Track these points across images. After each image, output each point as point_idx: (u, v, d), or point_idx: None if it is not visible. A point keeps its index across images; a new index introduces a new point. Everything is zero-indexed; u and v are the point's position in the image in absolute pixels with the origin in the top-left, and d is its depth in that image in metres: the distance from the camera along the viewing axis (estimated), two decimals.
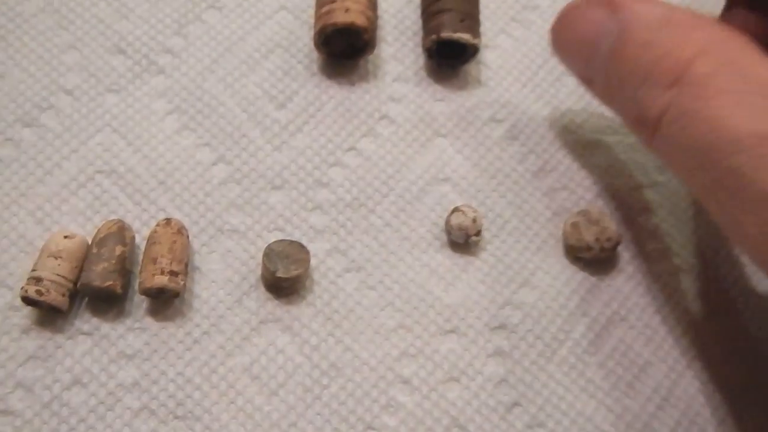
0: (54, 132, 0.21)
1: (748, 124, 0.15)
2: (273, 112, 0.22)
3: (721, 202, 0.16)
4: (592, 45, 0.18)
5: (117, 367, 0.18)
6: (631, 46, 0.17)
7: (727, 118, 0.15)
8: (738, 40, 0.17)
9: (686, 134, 0.16)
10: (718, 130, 0.15)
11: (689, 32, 0.17)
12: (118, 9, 0.23)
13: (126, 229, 0.19)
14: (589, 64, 0.19)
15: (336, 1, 0.21)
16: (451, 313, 0.20)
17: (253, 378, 0.19)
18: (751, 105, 0.15)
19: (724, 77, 0.16)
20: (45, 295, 0.18)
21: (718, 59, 0.16)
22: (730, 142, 0.15)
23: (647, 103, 0.17)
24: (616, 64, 0.18)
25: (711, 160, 0.15)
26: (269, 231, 0.20)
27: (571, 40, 0.19)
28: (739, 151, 0.15)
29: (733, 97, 0.15)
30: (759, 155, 0.15)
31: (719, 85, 0.16)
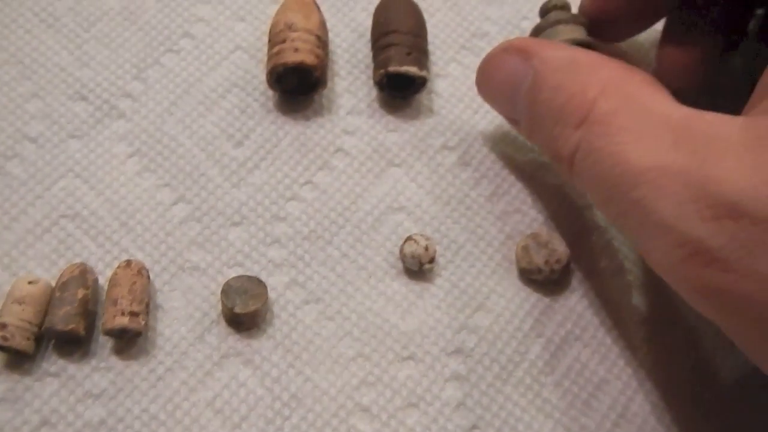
0: (19, 179, 0.22)
1: (647, 157, 0.16)
2: (231, 150, 0.23)
3: (630, 230, 0.17)
4: (512, 91, 0.20)
5: (84, 407, 0.19)
6: (544, 89, 0.19)
7: (628, 152, 0.16)
8: (636, 78, 0.18)
9: (595, 170, 0.17)
10: (621, 164, 0.16)
11: (592, 73, 0.18)
12: (78, 57, 0.24)
13: (88, 272, 0.20)
14: (512, 108, 0.21)
15: (286, 41, 0.23)
16: (408, 340, 0.21)
17: (216, 412, 0.20)
18: (649, 139, 0.16)
19: (624, 114, 0.17)
20: (10, 340, 0.19)
21: (618, 97, 0.17)
22: (632, 176, 0.16)
23: (560, 142, 0.18)
24: (533, 107, 0.19)
25: (617, 193, 0.17)
26: (229, 267, 0.22)
27: (493, 87, 0.21)
28: (640, 183, 0.16)
29: (632, 132, 0.17)
30: (657, 186, 0.16)
31: (620, 123, 0.17)
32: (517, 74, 0.20)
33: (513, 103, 0.20)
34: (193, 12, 0.25)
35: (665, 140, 0.16)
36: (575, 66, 0.18)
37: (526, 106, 0.20)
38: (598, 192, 0.18)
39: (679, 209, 0.15)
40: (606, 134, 0.17)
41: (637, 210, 0.16)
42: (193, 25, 0.25)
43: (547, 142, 0.19)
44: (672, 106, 0.17)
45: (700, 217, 0.15)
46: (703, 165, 0.15)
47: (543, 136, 0.19)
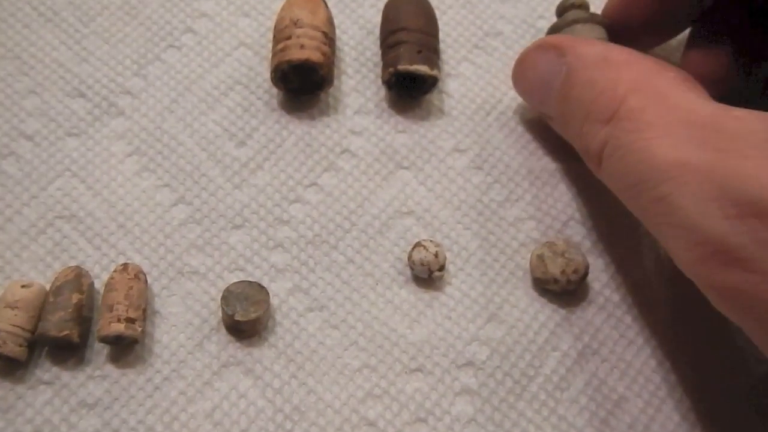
0: (14, 178, 0.22)
1: (672, 153, 0.16)
2: (233, 150, 0.23)
3: (655, 226, 0.17)
4: (546, 86, 0.21)
5: (78, 417, 0.19)
6: (575, 85, 0.19)
7: (654, 148, 0.17)
8: (668, 74, 0.18)
9: (622, 165, 0.18)
10: (647, 160, 0.17)
11: (623, 69, 0.19)
12: (77, 52, 0.24)
13: (83, 276, 0.20)
14: (546, 104, 0.21)
15: (291, 37, 0.22)
16: (417, 351, 0.21)
17: (215, 424, 0.19)
18: (675, 135, 0.17)
19: (653, 111, 0.17)
20: (2, 346, 0.19)
21: (647, 94, 0.18)
22: (658, 172, 0.16)
23: (590, 137, 0.19)
24: (565, 103, 0.20)
25: (643, 189, 0.17)
26: (230, 271, 0.21)
27: (528, 82, 0.22)
28: (665, 179, 0.16)
29: (659, 128, 0.17)
30: (682, 183, 0.16)
31: (648, 119, 0.17)
32: (551, 70, 0.20)
33: (547, 98, 0.21)
34: (196, 7, 0.25)
35: (691, 137, 0.16)
36: (607, 62, 0.19)
37: (559, 101, 0.20)
38: (624, 188, 0.18)
39: (703, 206, 0.16)
40: (634, 130, 0.17)
41: (661, 206, 0.16)
42: (195, 20, 0.25)
43: (578, 137, 0.20)
44: (702, 102, 0.17)
45: (724, 215, 0.15)
46: (727, 162, 0.16)
47: (574, 131, 0.20)
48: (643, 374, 0.21)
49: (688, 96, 0.17)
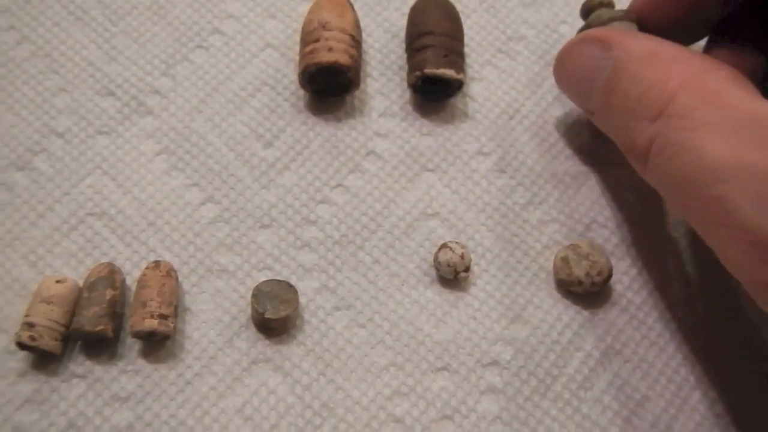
0: (46, 175, 0.23)
1: (728, 153, 0.16)
2: (260, 151, 0.24)
3: (707, 228, 0.18)
4: (589, 80, 0.21)
5: (111, 410, 0.20)
6: (622, 80, 0.19)
7: (707, 148, 0.17)
8: (718, 73, 0.18)
9: (672, 165, 0.18)
10: (700, 160, 0.17)
11: (672, 66, 0.18)
12: (107, 51, 0.25)
13: (116, 272, 0.21)
14: (588, 98, 0.21)
15: (319, 40, 0.23)
16: (443, 350, 0.21)
17: (245, 419, 0.20)
18: (731, 135, 0.17)
19: (705, 109, 0.17)
20: (38, 340, 0.19)
21: (699, 92, 0.18)
22: (712, 172, 0.16)
23: (636, 134, 0.19)
24: (610, 98, 0.20)
25: (694, 190, 0.17)
26: (258, 270, 0.22)
27: (571, 76, 0.22)
28: (721, 180, 0.16)
29: (713, 127, 0.17)
30: (739, 185, 0.16)
31: (700, 117, 0.17)
32: (596, 64, 0.20)
33: (589, 93, 0.21)
34: (223, 8, 0.26)
35: (749, 137, 0.16)
36: (656, 57, 0.19)
37: (603, 95, 0.20)
38: (672, 187, 0.18)
39: (762, 209, 0.16)
40: (685, 128, 0.17)
41: (715, 208, 0.16)
42: (223, 21, 0.26)
43: (622, 133, 0.20)
44: (757, 102, 0.17)
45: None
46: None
47: (618, 127, 0.20)
48: (665, 374, 0.21)
49: (741, 94, 0.17)
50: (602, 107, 0.21)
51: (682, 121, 0.17)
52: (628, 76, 0.19)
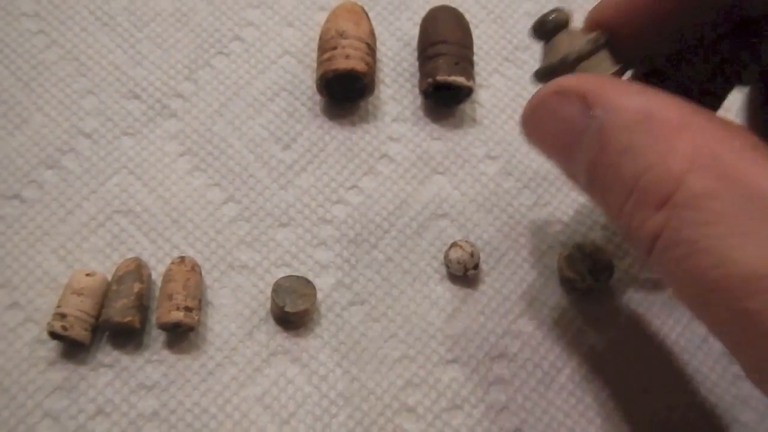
0: (75, 174, 0.24)
1: (761, 260, 0.13)
2: (279, 153, 0.25)
3: (732, 337, 0.14)
4: (569, 144, 0.17)
5: (137, 398, 0.21)
6: (611, 152, 0.16)
7: (734, 251, 0.13)
8: (735, 143, 0.14)
9: (686, 266, 0.14)
10: (725, 265, 0.14)
11: (675, 136, 0.15)
12: (132, 56, 0.26)
13: (143, 267, 0.22)
14: (569, 164, 0.17)
15: (337, 47, 0.24)
16: (453, 343, 0.23)
17: (265, 408, 0.21)
18: (761, 234, 0.13)
19: (725, 197, 0.14)
20: (69, 330, 0.21)
21: (714, 173, 0.14)
22: (741, 281, 0.13)
23: (636, 222, 0.15)
24: (597, 170, 0.16)
25: (718, 298, 0.14)
26: (277, 266, 0.23)
27: (545, 135, 0.18)
28: (754, 293, 0.13)
29: (738, 223, 0.14)
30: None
31: (719, 209, 0.14)
32: (576, 125, 0.16)
33: (570, 157, 0.17)
34: (243, 16, 0.27)
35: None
36: (651, 124, 0.15)
37: (588, 166, 0.16)
38: (687, 290, 0.15)
39: None
40: (701, 223, 0.14)
41: (747, 324, 0.13)
42: (243, 28, 0.27)
43: (617, 215, 0.16)
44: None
45: None
46: None
47: (611, 207, 0.16)
48: (663, 366, 0.23)
49: (766, 174, 0.14)
50: (587, 178, 0.17)
51: (696, 214, 0.14)
52: (619, 147, 0.15)
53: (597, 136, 0.16)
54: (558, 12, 0.18)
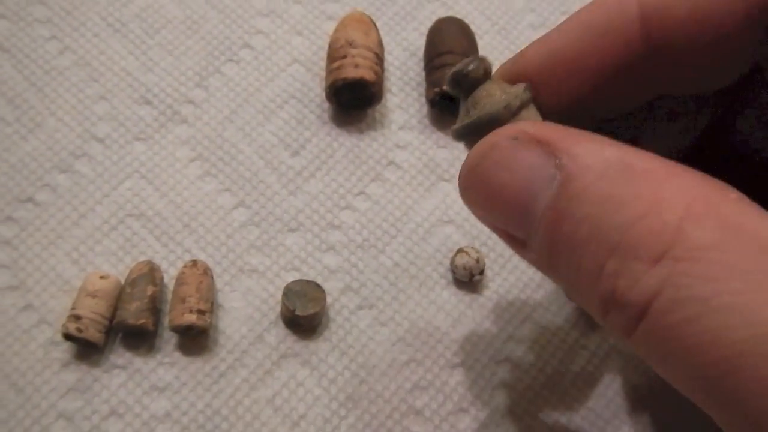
0: (87, 178, 0.24)
1: None
2: (288, 159, 0.26)
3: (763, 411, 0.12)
4: (524, 199, 0.14)
5: (150, 399, 0.21)
6: (583, 202, 0.13)
7: (757, 312, 0.12)
8: (731, 194, 0.13)
9: (693, 330, 0.12)
10: (759, 326, 0.11)
11: (664, 185, 0.13)
12: (144, 62, 0.26)
13: (156, 270, 0.22)
14: (519, 223, 0.15)
15: (346, 56, 0.25)
16: (459, 348, 0.23)
17: (275, 409, 0.22)
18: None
19: (734, 249, 0.12)
20: (84, 331, 0.21)
21: (715, 223, 0.12)
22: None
23: (624, 284, 0.13)
24: (563, 226, 0.14)
25: (748, 365, 0.12)
26: (286, 271, 0.24)
27: (492, 190, 0.15)
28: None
29: (753, 279, 0.12)
30: None
31: (731, 261, 0.12)
32: (535, 176, 0.14)
33: (521, 217, 0.14)
34: (253, 24, 0.28)
35: None
36: (633, 173, 0.13)
37: (550, 223, 0.14)
38: (692, 363, 0.12)
39: None
40: (711, 278, 0.12)
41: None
42: (252, 36, 0.27)
43: (592, 280, 0.13)
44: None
45: None
46: None
47: (583, 271, 0.13)
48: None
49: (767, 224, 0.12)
50: (547, 239, 0.14)
51: (704, 268, 0.12)
52: (594, 196, 0.13)
53: (563, 188, 0.14)
54: (482, 61, 0.16)
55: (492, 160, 0.15)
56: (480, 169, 0.15)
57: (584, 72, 0.16)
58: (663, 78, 0.16)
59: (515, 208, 0.15)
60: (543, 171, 0.14)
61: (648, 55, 0.16)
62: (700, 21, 0.15)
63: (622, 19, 0.16)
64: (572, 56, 0.16)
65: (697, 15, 0.15)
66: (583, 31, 0.16)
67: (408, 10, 0.29)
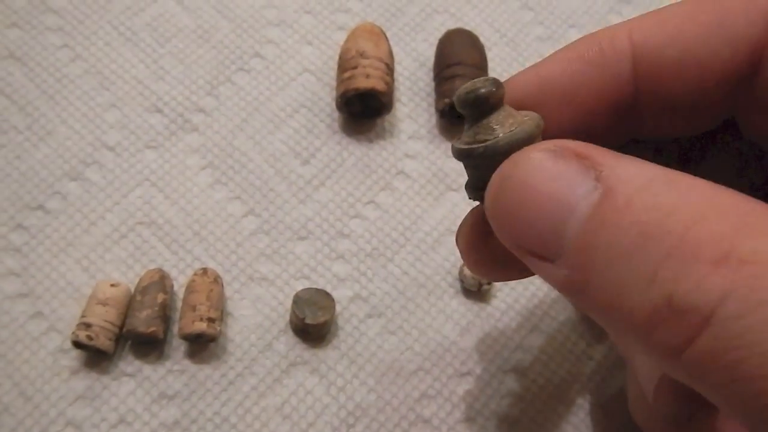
0: (98, 186, 0.24)
1: None
2: (298, 168, 0.26)
3: None
4: (560, 210, 0.14)
5: (159, 407, 0.21)
6: (629, 211, 0.13)
7: None
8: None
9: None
10: None
11: (711, 196, 0.13)
12: (155, 71, 0.27)
13: (166, 278, 0.23)
14: (551, 236, 0.14)
15: (357, 67, 0.25)
16: (467, 357, 0.23)
17: (284, 417, 0.22)
18: None
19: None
20: (94, 339, 0.21)
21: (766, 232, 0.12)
22: None
23: (685, 287, 0.12)
24: (604, 236, 0.13)
25: None
26: (296, 279, 0.24)
27: (526, 200, 0.14)
28: None
29: None
30: None
31: None
32: (573, 188, 0.13)
33: (557, 229, 0.14)
34: (264, 34, 0.28)
35: None
36: (676, 184, 0.13)
37: (589, 234, 0.13)
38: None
39: None
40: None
41: None
42: (263, 46, 0.28)
43: (638, 289, 0.12)
44: None
45: None
46: None
47: (625, 281, 0.13)
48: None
49: None
50: (583, 253, 0.13)
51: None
52: (641, 205, 0.13)
53: (606, 197, 0.13)
54: (500, 85, 0.15)
55: (527, 170, 0.14)
56: (513, 180, 0.14)
57: (573, 104, 0.16)
58: (649, 118, 0.16)
59: (550, 219, 0.14)
60: (582, 182, 0.14)
61: (636, 93, 0.16)
62: (689, 65, 0.15)
63: (613, 53, 0.16)
64: (563, 86, 0.16)
65: (688, 59, 0.15)
66: (576, 63, 0.16)
67: (418, 22, 0.29)
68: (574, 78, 0.16)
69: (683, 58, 0.15)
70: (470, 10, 0.29)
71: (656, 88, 0.16)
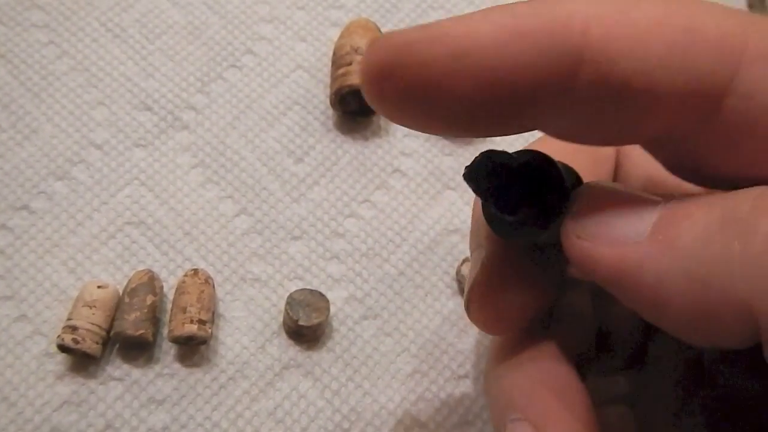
0: (85, 185, 0.24)
1: None
2: (291, 166, 0.25)
3: None
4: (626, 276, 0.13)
5: (147, 412, 0.21)
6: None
7: None
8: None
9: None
10: None
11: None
12: (144, 68, 0.26)
13: (155, 279, 0.22)
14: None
15: (352, 63, 0.25)
16: (464, 359, 0.23)
17: (277, 422, 0.21)
18: None
19: None
20: (81, 343, 0.20)
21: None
22: None
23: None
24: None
25: None
26: (289, 280, 0.23)
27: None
28: None
29: None
30: None
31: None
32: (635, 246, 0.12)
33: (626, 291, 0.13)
34: (256, 30, 0.27)
35: None
36: (737, 221, 0.12)
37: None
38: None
39: None
40: None
41: None
42: (255, 42, 0.27)
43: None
44: None
45: None
46: None
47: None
48: None
49: None
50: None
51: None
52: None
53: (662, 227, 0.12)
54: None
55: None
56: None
57: (489, 77, 0.12)
58: (557, 118, 0.13)
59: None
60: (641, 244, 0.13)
61: (566, 91, 0.13)
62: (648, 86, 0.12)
63: (563, 41, 0.12)
64: (487, 54, 0.12)
65: (649, 81, 0.12)
66: (516, 37, 0.12)
67: (413, 18, 0.28)
68: (506, 51, 0.12)
69: (644, 77, 0.12)
70: (466, 6, 0.29)
71: (590, 96, 0.12)
